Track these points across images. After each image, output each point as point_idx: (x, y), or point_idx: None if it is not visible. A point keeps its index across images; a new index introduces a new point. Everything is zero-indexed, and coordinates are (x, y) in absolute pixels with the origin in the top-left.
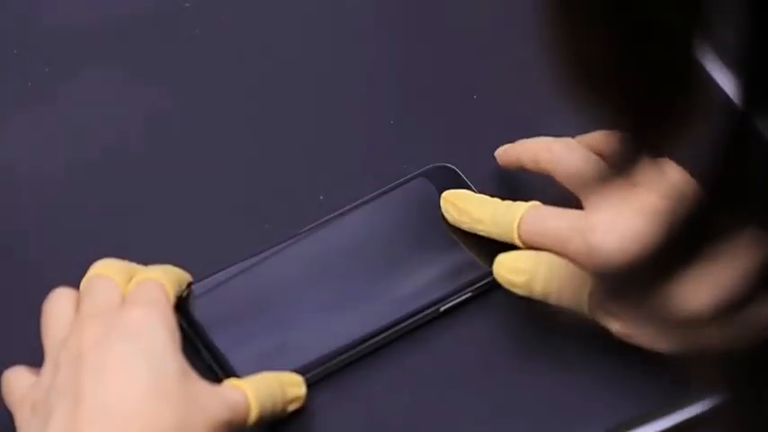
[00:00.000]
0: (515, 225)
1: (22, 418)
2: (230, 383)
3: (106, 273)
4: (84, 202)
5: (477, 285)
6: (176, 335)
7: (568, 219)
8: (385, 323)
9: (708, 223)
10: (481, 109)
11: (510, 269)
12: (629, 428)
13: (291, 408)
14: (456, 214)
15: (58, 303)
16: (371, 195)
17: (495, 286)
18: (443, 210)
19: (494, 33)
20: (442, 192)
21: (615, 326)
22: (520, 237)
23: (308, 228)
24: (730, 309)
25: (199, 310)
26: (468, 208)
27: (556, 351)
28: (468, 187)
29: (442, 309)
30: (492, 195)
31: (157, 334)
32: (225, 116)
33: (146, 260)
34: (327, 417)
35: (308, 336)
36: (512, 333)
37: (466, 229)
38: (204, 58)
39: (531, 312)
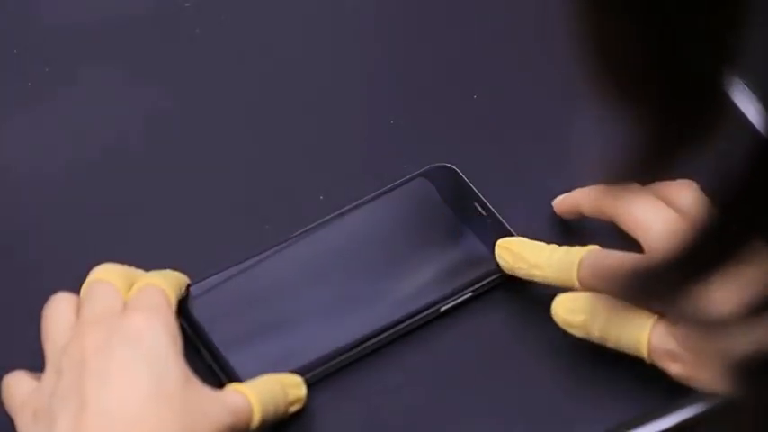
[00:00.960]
0: (575, 268)
1: (23, 423)
2: (232, 388)
3: (106, 278)
4: (84, 203)
5: (477, 285)
6: (178, 340)
7: (630, 261)
8: (385, 323)
9: (732, 233)
10: (481, 109)
11: (568, 309)
12: (629, 428)
13: (293, 409)
14: (511, 260)
15: (59, 308)
16: (371, 195)
17: (495, 286)
18: (497, 256)
19: (494, 33)
20: (442, 192)
21: (674, 368)
22: (580, 280)
23: (307, 228)
24: (755, 313)
25: (199, 311)
26: (524, 254)
27: (556, 351)
28: (468, 187)
29: (442, 309)
30: (494, 195)
31: (159, 339)
32: (225, 116)
33: (146, 260)
34: (327, 417)
35: (308, 336)
36: (512, 333)
37: (522, 276)
38: (204, 58)
39: (531, 312)
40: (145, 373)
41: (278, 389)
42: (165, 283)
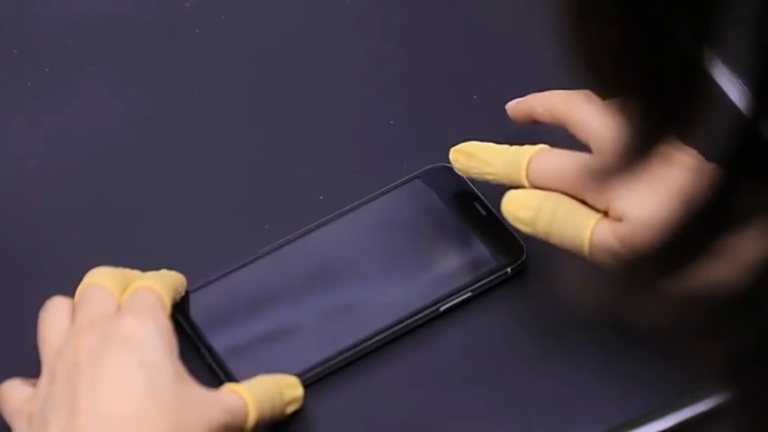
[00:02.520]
0: (524, 165)
1: (19, 429)
2: (228, 388)
3: (100, 281)
4: (84, 203)
5: (477, 285)
6: (173, 342)
7: (578, 158)
8: (385, 323)
9: (727, 202)
10: (481, 109)
11: (517, 204)
12: (629, 428)
13: (290, 410)
14: (465, 160)
15: (54, 313)
16: (371, 195)
17: (494, 286)
18: (453, 160)
19: (494, 33)
20: (441, 192)
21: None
22: (528, 177)
23: (306, 228)
24: (744, 294)
25: (200, 312)
26: (477, 153)
27: (556, 351)
28: (468, 187)
29: (442, 308)
30: (493, 195)
31: (153, 342)
32: (225, 116)
33: (146, 260)
34: (327, 417)
35: (308, 336)
36: (511, 333)
37: (475, 177)
38: (204, 58)
39: (530, 312)
40: (138, 375)
41: (273, 389)
42: (160, 285)
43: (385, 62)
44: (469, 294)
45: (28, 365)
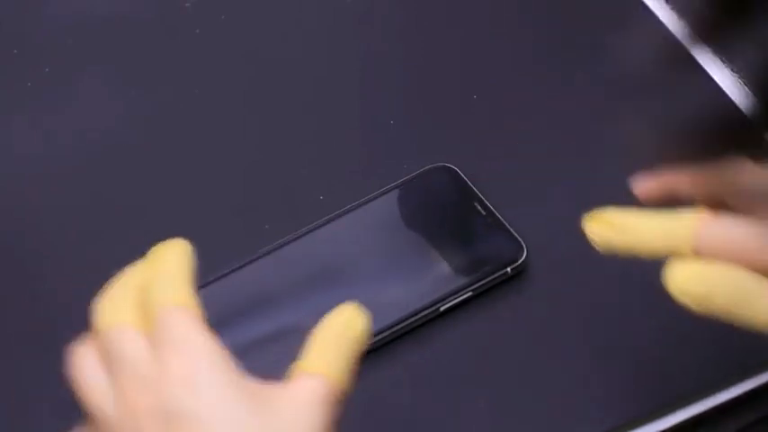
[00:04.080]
0: (689, 234)
1: None
2: (299, 373)
3: (116, 319)
4: (84, 203)
5: (477, 285)
6: (228, 360)
7: (758, 225)
8: (385, 323)
9: None
10: (481, 109)
11: (688, 279)
12: (629, 428)
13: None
14: (610, 232)
15: (87, 370)
16: (371, 195)
17: (494, 286)
18: (590, 232)
19: (493, 33)
20: (441, 192)
21: None
22: (698, 248)
23: (306, 228)
24: None
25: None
26: (626, 223)
27: (556, 351)
28: (468, 187)
29: (442, 309)
30: (493, 195)
31: (212, 376)
32: (225, 116)
33: None
34: None
35: (308, 336)
36: (511, 333)
37: (620, 249)
38: (204, 58)
39: (530, 312)
40: (218, 420)
41: (342, 342)
42: (177, 291)
43: (385, 62)
44: (469, 294)
45: (27, 366)
